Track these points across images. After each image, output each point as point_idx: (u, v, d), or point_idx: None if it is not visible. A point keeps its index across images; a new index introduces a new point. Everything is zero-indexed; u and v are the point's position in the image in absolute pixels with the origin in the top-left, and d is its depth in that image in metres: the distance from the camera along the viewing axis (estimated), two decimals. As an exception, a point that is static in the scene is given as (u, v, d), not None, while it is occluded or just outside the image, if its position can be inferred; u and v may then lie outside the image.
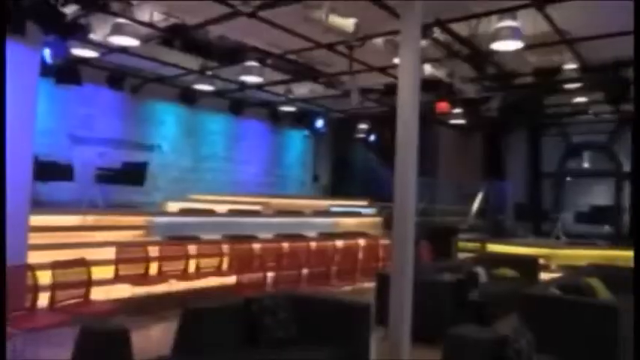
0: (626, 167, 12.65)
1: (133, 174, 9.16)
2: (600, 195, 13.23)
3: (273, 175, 13.64)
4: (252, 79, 8.81)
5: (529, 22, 6.15)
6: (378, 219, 11.34)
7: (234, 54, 8.24)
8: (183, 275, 7.09)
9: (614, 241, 11.85)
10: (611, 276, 6.85)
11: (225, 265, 7.62)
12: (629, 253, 10.94)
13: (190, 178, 11.52)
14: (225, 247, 7.71)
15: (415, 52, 4.75)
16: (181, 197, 9.90)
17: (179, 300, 6.20)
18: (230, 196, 10.32)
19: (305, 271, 8.45)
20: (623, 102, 8.35)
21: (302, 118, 13.23)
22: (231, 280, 7.36)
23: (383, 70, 8.67)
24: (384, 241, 9.75)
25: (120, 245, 6.68)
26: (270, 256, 8.02)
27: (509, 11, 5.92)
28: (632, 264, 9.46)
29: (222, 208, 9.06)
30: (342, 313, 4.19)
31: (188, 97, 10.90)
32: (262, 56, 8.31)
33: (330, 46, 7.60)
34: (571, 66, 7.90)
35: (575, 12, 5.97)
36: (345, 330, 4.05)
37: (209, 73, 9.25)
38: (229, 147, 12.60)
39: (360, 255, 9.51)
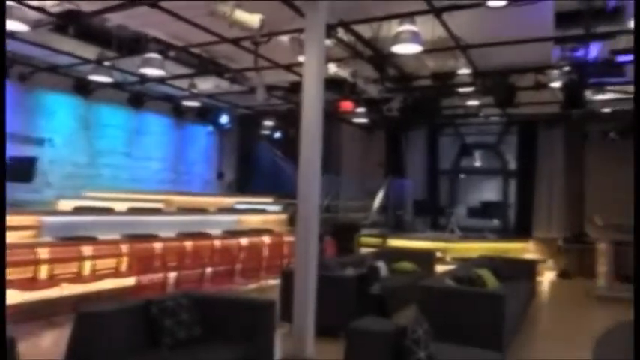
0: (512, 166, 13.70)
1: (21, 170, 8.48)
2: (490, 191, 14.24)
3: (176, 172, 13.24)
4: (153, 71, 8.46)
5: (427, 27, 6.45)
6: (283, 216, 11.38)
7: (134, 45, 7.89)
8: (78, 278, 6.69)
9: (502, 234, 12.84)
10: (499, 266, 7.41)
11: (123, 266, 7.29)
12: (515, 245, 11.93)
13: (86, 174, 10.87)
14: (124, 247, 7.37)
15: (320, 51, 4.83)
16: (76, 195, 9.31)
17: (73, 304, 5.84)
18: (130, 194, 9.87)
19: (209, 269, 8.31)
20: (510, 106, 9.01)
21: (206, 114, 12.96)
22: (131, 281, 7.06)
23: (288, 67, 8.71)
24: (288, 238, 9.81)
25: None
26: (172, 256, 7.78)
27: (408, 16, 6.18)
28: (517, 255, 10.30)
29: (121, 206, 8.65)
30: (246, 311, 4.17)
31: (83, 88, 10.27)
32: (164, 48, 8.03)
33: (236, 42, 7.51)
34: (465, 71, 8.40)
35: (468, 21, 6.36)
36: (250, 328, 4.03)
37: (107, 63, 8.78)
38: (129, 142, 12.04)
39: (265, 252, 9.50)
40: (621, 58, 7.44)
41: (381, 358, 3.19)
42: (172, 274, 7.52)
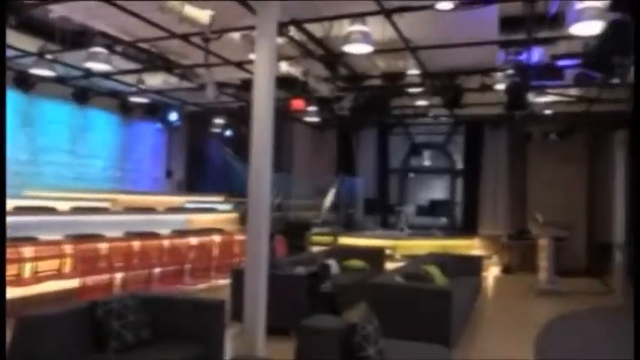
0: (459, 165, 14.08)
1: (-47, 167, 8.03)
2: (438, 190, 14.58)
3: (123, 170, 12.87)
4: (99, 66, 8.18)
5: (378, 28, 6.54)
6: (234, 215, 11.28)
7: (79, 38, 7.61)
8: (18, 281, 6.41)
9: (449, 232, 13.19)
10: (447, 263, 7.61)
11: (67, 268, 7.04)
12: (462, 242, 12.27)
13: (26, 172, 10.39)
14: (68, 248, 7.12)
15: (271, 49, 4.81)
16: (16, 194, 8.91)
17: (12, 309, 5.58)
18: (74, 193, 9.53)
19: (157, 270, 8.14)
20: (457, 107, 9.25)
21: (155, 111, 12.64)
22: (75, 283, 6.83)
23: (239, 65, 8.63)
24: (239, 237, 9.74)
25: None
26: (118, 256, 7.57)
27: (359, 17, 6.25)
28: (463, 252, 10.60)
29: (64, 206, 8.34)
30: (196, 312, 4.11)
31: (23, 82, 9.82)
32: (111, 42, 7.79)
33: (185, 37, 7.37)
34: (414, 72, 8.57)
35: (418, 23, 6.49)
36: (200, 328, 3.98)
37: (49, 57, 8.43)
38: (73, 139, 11.61)
39: (216, 252, 9.39)
40: (561, 63, 7.77)
41: (331, 355, 3.22)
42: (119, 275, 7.32)
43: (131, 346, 3.64)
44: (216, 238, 9.75)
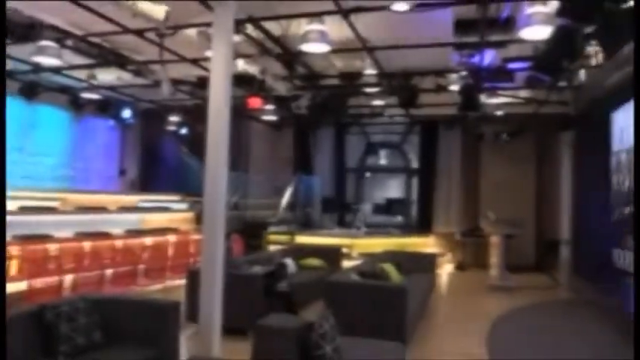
0: (414, 164, 14.32)
1: None
2: (394, 189, 14.79)
3: (74, 169, 12.45)
4: (48, 60, 7.89)
5: (335, 27, 6.57)
6: (189, 214, 11.11)
7: (27, 31, 7.30)
8: (-41, 283, 6.11)
9: (405, 230, 13.40)
10: (402, 260, 7.74)
11: (13, 270, 6.76)
12: (417, 240, 12.47)
13: (-31, 170, 9.93)
14: (14, 249, 6.84)
15: (228, 47, 4.76)
16: (-43, 193, 8.49)
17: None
18: (22, 191, 9.15)
19: (110, 271, 7.93)
20: (412, 107, 9.40)
21: (107, 107, 12.28)
22: (22, 286, 6.57)
23: (196, 62, 8.50)
24: (195, 237, 9.60)
25: None
26: (68, 257, 7.34)
27: (317, 16, 6.26)
28: (418, 249, 10.79)
29: (12, 205, 8.00)
30: (150, 313, 4.04)
31: (-34, 77, 9.36)
32: (61, 36, 7.52)
33: (140, 33, 7.20)
34: (371, 71, 8.65)
35: (374, 23, 6.56)
36: (154, 330, 3.91)
37: (-6, 50, 8.06)
38: (21, 135, 11.14)
39: (171, 252, 9.23)
40: (512, 65, 8.02)
41: (287, 354, 3.22)
42: (69, 277, 7.09)
43: (82, 350, 3.53)
44: (172, 238, 9.58)
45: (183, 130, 13.81)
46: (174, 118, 13.36)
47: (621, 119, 8.46)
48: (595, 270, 9.36)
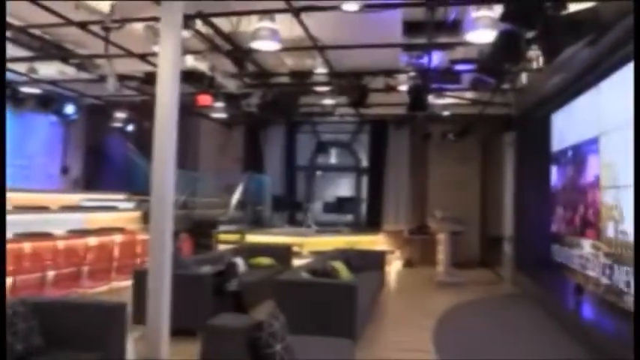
0: (364, 163, 14.49)
1: None
2: (344, 187, 14.91)
3: (13, 166, 11.86)
4: (-17, 53, 7.51)
5: (286, 26, 6.55)
6: (136, 213, 10.83)
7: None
8: None
9: (355, 228, 13.54)
10: (352, 258, 7.81)
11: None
12: (367, 238, 12.61)
13: None
14: (-54, 251, 6.46)
15: (176, 42, 4.66)
16: None
17: None
18: (-48, 190, 8.66)
19: (51, 273, 7.63)
20: (362, 106, 9.51)
21: (49, 102, 11.78)
22: (-46, 289, 6.21)
23: (143, 57, 8.28)
24: (142, 237, 9.37)
25: None
26: (7, 259, 6.99)
27: (267, 13, 6.23)
28: (368, 247, 10.92)
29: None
30: (94, 316, 3.91)
31: None
32: (-2, 27, 7.16)
33: (83, 25, 6.94)
34: (321, 70, 8.68)
35: (325, 22, 6.58)
36: (99, 333, 3.79)
37: None
38: (-48, 131, 10.54)
39: (116, 252, 8.97)
40: (458, 67, 8.24)
41: (237, 354, 3.19)
42: (7, 280, 6.76)
43: (21, 356, 3.38)
44: (117, 238, 9.31)
45: (130, 127, 13.43)
46: (120, 115, 12.96)
47: (560, 121, 8.86)
48: (535, 265, 9.78)
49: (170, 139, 4.54)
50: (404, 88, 8.93)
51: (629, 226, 5.84)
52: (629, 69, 5.84)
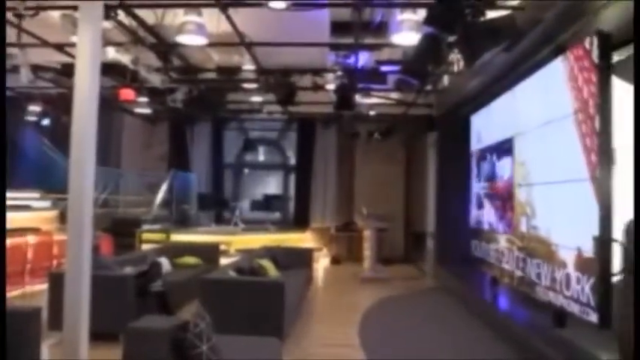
0: (292, 161, 14.53)
1: None
2: (272, 185, 14.89)
3: None
4: None
5: (213, 20, 6.44)
6: (52, 212, 10.25)
7: None
8: None
9: (283, 226, 13.56)
10: (280, 255, 7.82)
11: None
12: (294, 235, 12.65)
13: None
14: None
15: (96, 33, 4.45)
16: None
17: None
18: None
19: (-45, 277, 7.05)
20: (290, 104, 9.52)
21: (-48, 94, 10.91)
22: None
23: (60, 47, 7.85)
24: (59, 237, 8.88)
25: None
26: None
27: (194, 7, 6.09)
28: (296, 245, 10.96)
29: None
30: (7, 323, 3.66)
31: None
32: None
33: (-7, 12, 6.48)
34: (249, 67, 8.61)
35: (253, 19, 6.53)
36: (11, 341, 3.54)
37: None
38: None
39: (30, 254, 8.45)
40: (384, 68, 8.45)
41: (161, 356, 3.11)
42: None
43: None
44: (31, 239, 8.76)
45: (46, 121, 12.68)
46: (35, 108, 12.21)
47: (479, 122, 9.30)
48: (456, 260, 10.22)
49: (89, 135, 4.33)
50: (331, 87, 9.04)
51: (539, 222, 6.24)
52: (540, 74, 6.24)
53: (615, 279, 4.28)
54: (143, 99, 10.21)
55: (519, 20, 4.40)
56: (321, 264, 12.53)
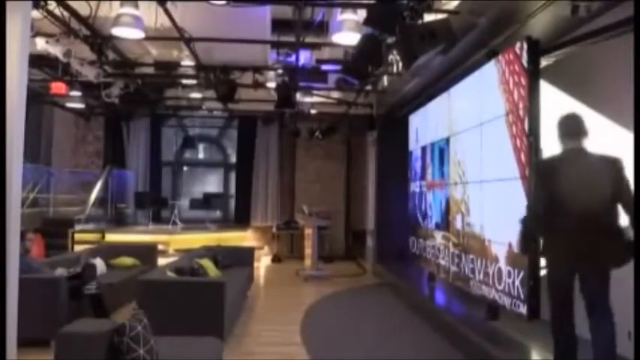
0: (233, 159, 14.37)
1: None
2: (212, 183, 14.67)
3: None
4: None
5: (151, 14, 6.26)
6: (-25, 212, 9.65)
7: None
8: None
9: (223, 224, 13.40)
10: (220, 255, 7.74)
11: None
12: (235, 234, 12.55)
13: None
14: None
15: (24, 23, 4.23)
16: None
17: None
18: None
19: None
20: (231, 101, 9.42)
21: None
22: None
23: (-16, 37, 7.39)
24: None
25: None
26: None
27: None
28: (237, 243, 10.87)
29: None
30: None
31: None
32: None
33: None
34: (189, 63, 8.44)
35: (192, 13, 6.40)
36: None
37: None
38: None
39: (-50, 256, 7.92)
40: (325, 67, 8.51)
41: (96, 361, 3.01)
42: None
43: None
44: (-49, 241, 8.22)
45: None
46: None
47: (416, 121, 9.55)
48: (395, 256, 10.46)
49: (17, 130, 4.11)
50: (272, 85, 9.01)
51: (473, 219, 6.48)
52: (475, 77, 6.48)
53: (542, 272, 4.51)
54: (76, 93, 9.79)
55: (455, 24, 4.54)
56: (263, 262, 12.48)
